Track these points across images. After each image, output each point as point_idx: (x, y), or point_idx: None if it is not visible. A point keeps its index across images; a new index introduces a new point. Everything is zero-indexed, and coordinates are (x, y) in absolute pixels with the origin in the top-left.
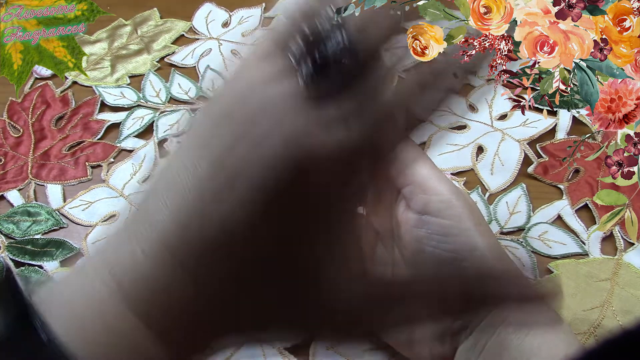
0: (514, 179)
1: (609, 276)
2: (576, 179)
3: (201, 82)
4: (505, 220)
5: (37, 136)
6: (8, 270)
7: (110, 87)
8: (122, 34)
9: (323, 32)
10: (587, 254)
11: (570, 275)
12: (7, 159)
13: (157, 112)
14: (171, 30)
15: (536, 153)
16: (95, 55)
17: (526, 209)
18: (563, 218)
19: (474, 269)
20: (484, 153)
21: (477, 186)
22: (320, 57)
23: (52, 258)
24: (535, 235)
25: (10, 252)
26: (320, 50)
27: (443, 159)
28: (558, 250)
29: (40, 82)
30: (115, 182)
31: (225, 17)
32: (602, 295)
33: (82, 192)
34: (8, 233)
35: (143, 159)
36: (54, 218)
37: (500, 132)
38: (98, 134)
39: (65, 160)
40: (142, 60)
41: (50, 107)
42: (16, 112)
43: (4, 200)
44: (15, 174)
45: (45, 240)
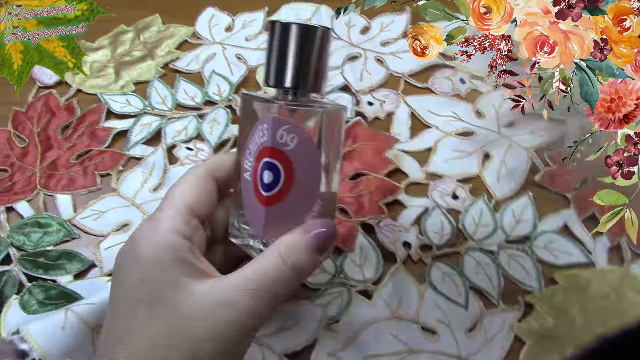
0: (521, 186)
1: (614, 287)
2: (583, 188)
3: (207, 87)
4: (512, 228)
5: (43, 146)
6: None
7: (116, 95)
8: (124, 40)
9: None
10: (593, 264)
11: (574, 286)
12: (14, 170)
13: (164, 119)
14: (174, 36)
15: (543, 161)
16: (98, 62)
17: (532, 217)
18: (569, 227)
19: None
20: (490, 160)
21: (483, 193)
22: None
23: (65, 272)
24: (541, 244)
25: (23, 266)
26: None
27: (449, 165)
28: (564, 259)
29: (44, 91)
30: (125, 190)
31: (228, 21)
32: (606, 308)
33: (92, 201)
34: (19, 245)
35: (153, 166)
36: (65, 229)
37: (507, 139)
38: (105, 142)
39: (74, 170)
40: (147, 67)
41: (55, 116)
42: (21, 122)
43: (13, 211)
44: (24, 185)
45: (58, 252)
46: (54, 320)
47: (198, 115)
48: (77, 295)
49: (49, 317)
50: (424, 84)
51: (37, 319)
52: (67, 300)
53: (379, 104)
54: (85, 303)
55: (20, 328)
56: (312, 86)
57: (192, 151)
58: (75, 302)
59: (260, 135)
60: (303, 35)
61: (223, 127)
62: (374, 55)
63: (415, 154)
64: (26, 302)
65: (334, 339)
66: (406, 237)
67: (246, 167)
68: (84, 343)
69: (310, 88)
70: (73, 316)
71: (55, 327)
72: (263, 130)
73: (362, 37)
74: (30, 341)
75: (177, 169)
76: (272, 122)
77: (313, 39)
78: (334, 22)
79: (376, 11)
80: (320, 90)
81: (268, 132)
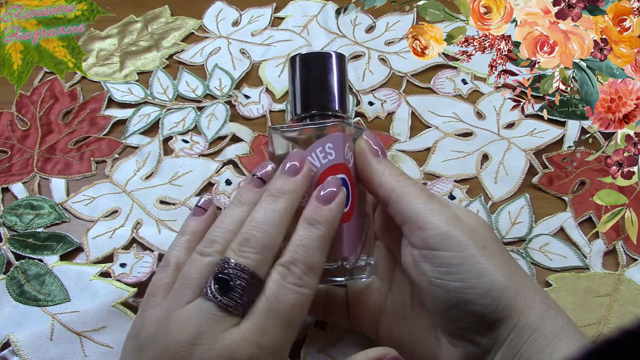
0: (518, 188)
1: (608, 292)
2: (581, 192)
3: (209, 80)
4: (507, 230)
5: (44, 130)
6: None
7: (119, 83)
8: (132, 30)
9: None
10: (588, 268)
11: (569, 289)
12: (13, 152)
13: (164, 110)
14: (181, 28)
15: (542, 163)
16: (105, 50)
17: (528, 219)
18: (565, 230)
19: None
20: (488, 161)
21: (480, 194)
22: (221, 277)
23: (52, 252)
24: (536, 247)
25: (12, 245)
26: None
27: (447, 166)
28: (558, 262)
29: (50, 76)
30: (118, 177)
31: (235, 15)
32: (600, 312)
33: (85, 187)
34: (11, 225)
35: (147, 155)
36: (57, 212)
37: (507, 140)
38: (104, 129)
39: (71, 155)
40: (151, 57)
41: (58, 102)
42: (25, 106)
43: (8, 192)
44: (21, 167)
45: (47, 234)
46: (42, 332)
47: (197, 107)
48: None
49: (36, 327)
50: (426, 84)
51: (25, 327)
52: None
53: (379, 103)
54: (71, 311)
55: (10, 340)
56: (347, 108)
57: (187, 144)
58: (61, 308)
59: (322, 156)
60: (341, 62)
61: (221, 123)
62: (377, 55)
63: (414, 153)
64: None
65: (324, 336)
66: None
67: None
68: (74, 350)
69: (347, 109)
70: (59, 326)
71: (42, 339)
72: (326, 150)
73: (366, 35)
74: (20, 354)
75: (172, 160)
76: (342, 139)
77: (344, 64)
78: (339, 19)
79: (382, 10)
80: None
81: (335, 150)
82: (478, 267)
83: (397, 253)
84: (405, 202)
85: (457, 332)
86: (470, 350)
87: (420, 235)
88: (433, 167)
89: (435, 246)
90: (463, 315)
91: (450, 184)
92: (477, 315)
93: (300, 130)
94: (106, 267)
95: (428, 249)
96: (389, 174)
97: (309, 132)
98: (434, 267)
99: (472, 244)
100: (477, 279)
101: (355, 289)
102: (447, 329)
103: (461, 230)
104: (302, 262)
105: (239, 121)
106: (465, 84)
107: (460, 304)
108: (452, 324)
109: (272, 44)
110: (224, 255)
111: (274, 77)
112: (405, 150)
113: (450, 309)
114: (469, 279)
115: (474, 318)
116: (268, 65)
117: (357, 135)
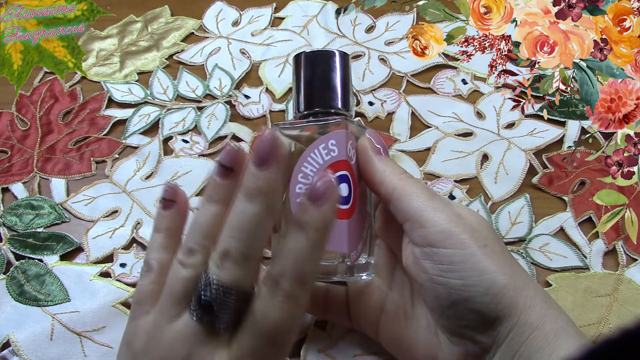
0: (518, 188)
1: (608, 292)
2: (581, 192)
3: (209, 80)
4: (507, 230)
5: (44, 130)
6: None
7: (119, 83)
8: (132, 30)
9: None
10: (587, 268)
11: (569, 289)
12: (13, 152)
13: (164, 110)
14: (181, 28)
15: (542, 163)
16: (105, 50)
17: (528, 219)
18: (565, 230)
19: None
20: (488, 161)
21: (480, 194)
22: (204, 300)
23: (52, 252)
24: (536, 247)
25: (12, 245)
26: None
27: (447, 166)
28: (558, 262)
29: (50, 76)
30: (118, 178)
31: (235, 15)
32: (600, 312)
33: (85, 187)
34: (11, 225)
35: (147, 155)
36: (57, 212)
37: (507, 140)
38: (104, 129)
39: (71, 155)
40: (151, 57)
41: (58, 102)
42: (24, 106)
43: (8, 192)
44: (21, 167)
45: (46, 234)
46: (42, 332)
47: (197, 107)
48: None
49: (36, 327)
50: (426, 84)
51: (25, 327)
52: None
53: (379, 103)
54: (71, 311)
55: (10, 340)
56: (351, 106)
57: (187, 144)
58: (61, 308)
59: (325, 153)
60: (344, 60)
61: (221, 123)
62: (377, 55)
63: (414, 153)
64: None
65: (324, 336)
66: None
67: (301, 191)
68: (74, 350)
69: (350, 108)
70: (59, 326)
71: (42, 339)
72: (329, 147)
73: (366, 35)
74: (20, 354)
75: (172, 160)
76: (345, 136)
77: (348, 63)
78: (339, 19)
79: (382, 10)
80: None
81: (338, 147)
82: (479, 265)
83: (398, 252)
84: (406, 200)
85: (457, 330)
86: (470, 348)
87: (421, 233)
88: (433, 167)
89: (436, 244)
90: (463, 313)
91: (450, 184)
92: (477, 313)
93: (303, 127)
94: (106, 267)
95: (429, 246)
96: (391, 172)
97: (312, 130)
98: (434, 264)
99: (473, 242)
100: (478, 276)
101: (356, 288)
102: (447, 327)
103: (462, 228)
104: (291, 275)
105: (239, 121)
106: (465, 84)
107: (461, 302)
108: (452, 322)
109: (272, 44)
110: (205, 267)
111: (274, 77)
112: (405, 150)
113: (451, 307)
114: (469, 276)
115: (474, 316)
116: (268, 65)
117: (359, 133)
